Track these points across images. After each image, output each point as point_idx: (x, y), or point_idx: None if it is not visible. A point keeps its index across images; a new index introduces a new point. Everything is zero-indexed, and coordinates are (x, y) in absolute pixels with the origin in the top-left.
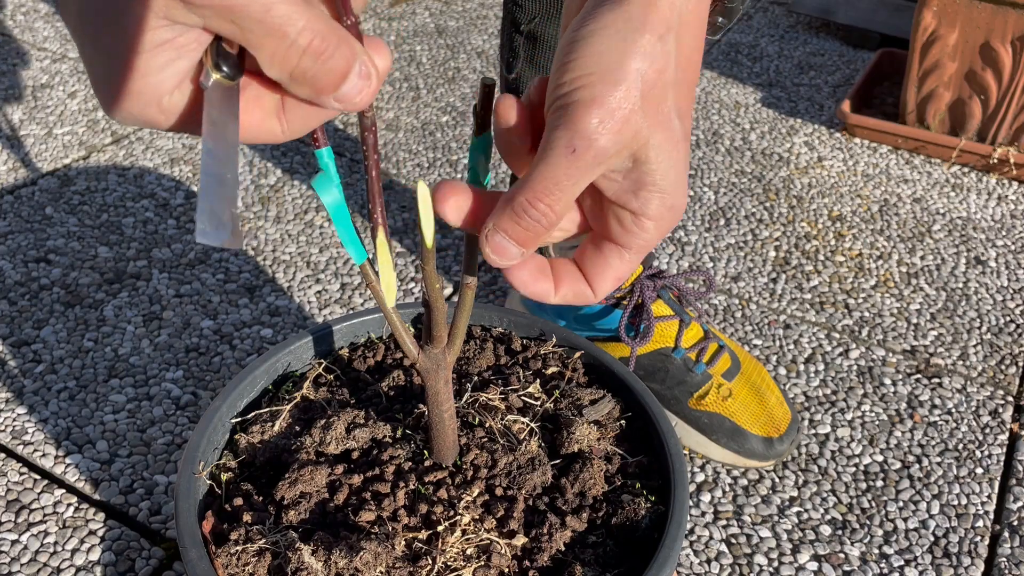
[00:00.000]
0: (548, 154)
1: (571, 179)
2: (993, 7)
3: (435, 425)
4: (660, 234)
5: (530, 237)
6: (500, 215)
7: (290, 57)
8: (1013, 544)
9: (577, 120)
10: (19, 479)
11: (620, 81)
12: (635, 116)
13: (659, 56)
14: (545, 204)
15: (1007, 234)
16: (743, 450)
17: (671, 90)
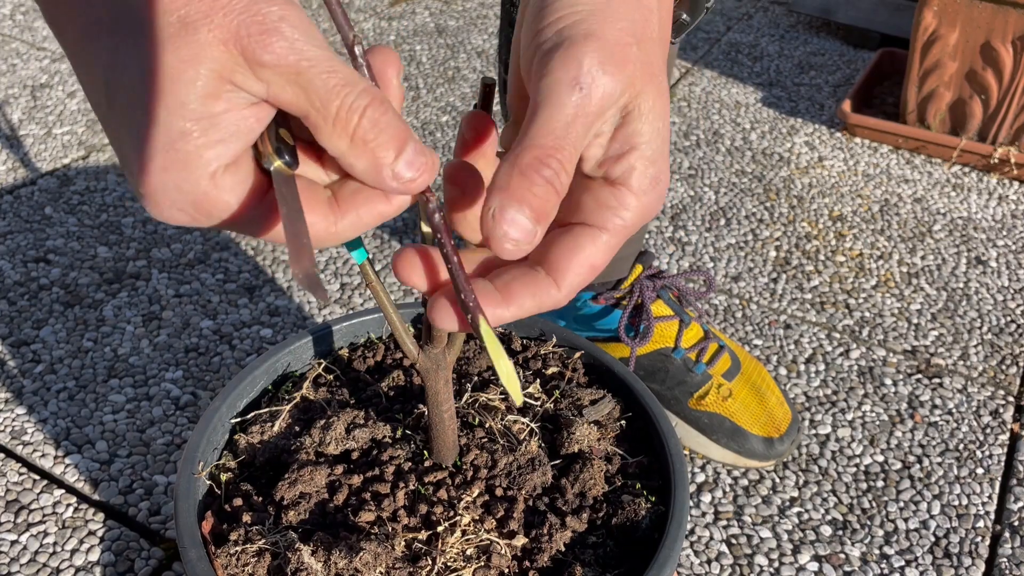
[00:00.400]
0: (549, 100)
1: (581, 125)
2: (994, 7)
3: (435, 425)
4: (642, 211)
5: (547, 204)
6: (506, 184)
7: (351, 119)
8: (1014, 544)
9: (576, 56)
10: (18, 479)
11: (612, 16)
12: (633, 60)
13: (643, 5)
14: (557, 160)
15: (1008, 234)
16: (743, 450)
17: (657, 46)
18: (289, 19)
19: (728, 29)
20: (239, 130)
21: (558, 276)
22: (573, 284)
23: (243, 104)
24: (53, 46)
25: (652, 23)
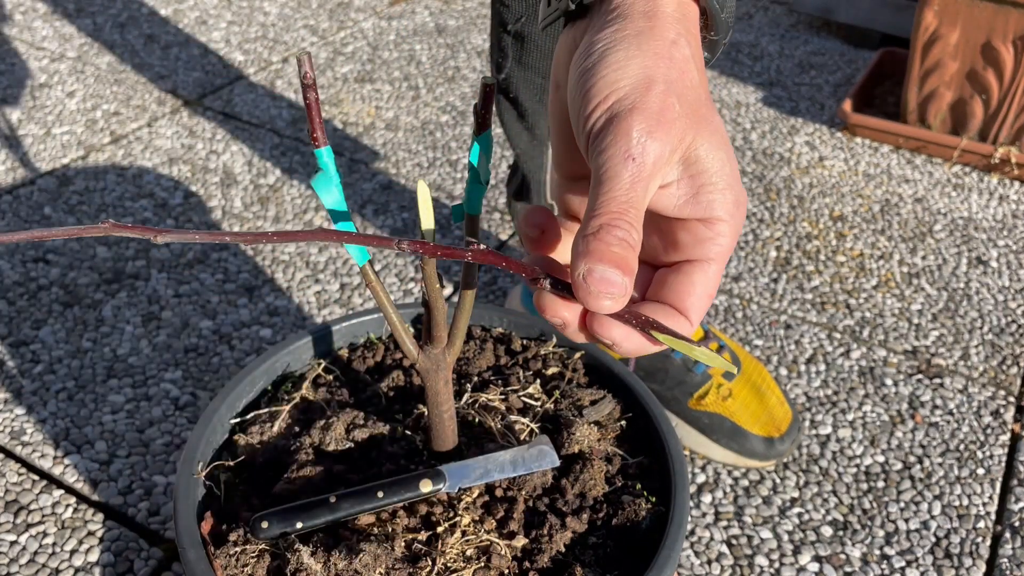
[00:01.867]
0: (607, 173)
1: (640, 188)
2: (994, 6)
3: (435, 426)
4: (734, 233)
5: (627, 258)
6: (586, 249)
7: None
8: (1015, 545)
9: (625, 130)
10: (18, 480)
11: (651, 84)
12: (677, 118)
13: (678, 60)
14: (626, 221)
15: (1008, 234)
16: (744, 450)
17: (698, 90)
18: None
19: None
20: None
21: (685, 311)
22: (699, 314)
23: None
24: (52, 46)
25: (689, 72)
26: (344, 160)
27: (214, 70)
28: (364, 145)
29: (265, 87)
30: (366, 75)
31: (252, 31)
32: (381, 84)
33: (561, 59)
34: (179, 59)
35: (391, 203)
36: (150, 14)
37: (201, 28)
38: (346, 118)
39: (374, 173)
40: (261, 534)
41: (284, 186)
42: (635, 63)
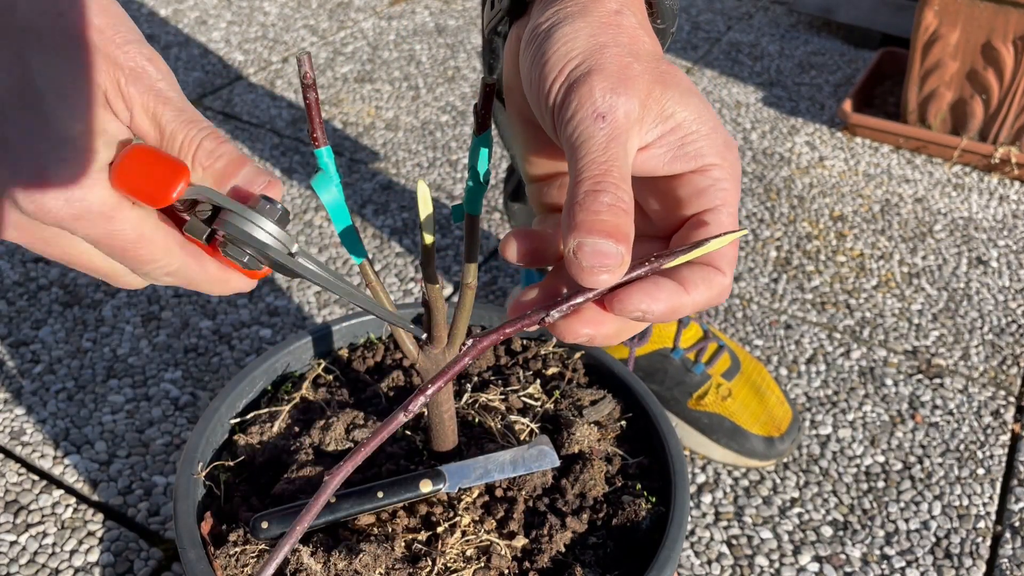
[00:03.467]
0: (580, 137)
1: (618, 146)
2: (995, 6)
3: (435, 426)
4: (732, 175)
5: (619, 225)
6: (573, 223)
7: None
8: (1015, 545)
9: (588, 92)
10: (17, 480)
11: (604, 47)
12: (639, 75)
13: (626, 27)
14: (610, 182)
15: (1009, 234)
16: (744, 450)
17: (653, 57)
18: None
19: (728, 28)
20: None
21: (712, 261)
22: (730, 262)
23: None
24: None
25: (639, 38)
26: (344, 160)
27: (214, 70)
28: (364, 145)
29: (265, 87)
30: (366, 75)
31: (252, 31)
32: (381, 84)
33: (509, 60)
34: (179, 59)
35: (391, 203)
36: (150, 14)
37: (201, 28)
38: (346, 118)
39: (374, 173)
40: (261, 534)
41: (284, 186)
42: (583, 33)
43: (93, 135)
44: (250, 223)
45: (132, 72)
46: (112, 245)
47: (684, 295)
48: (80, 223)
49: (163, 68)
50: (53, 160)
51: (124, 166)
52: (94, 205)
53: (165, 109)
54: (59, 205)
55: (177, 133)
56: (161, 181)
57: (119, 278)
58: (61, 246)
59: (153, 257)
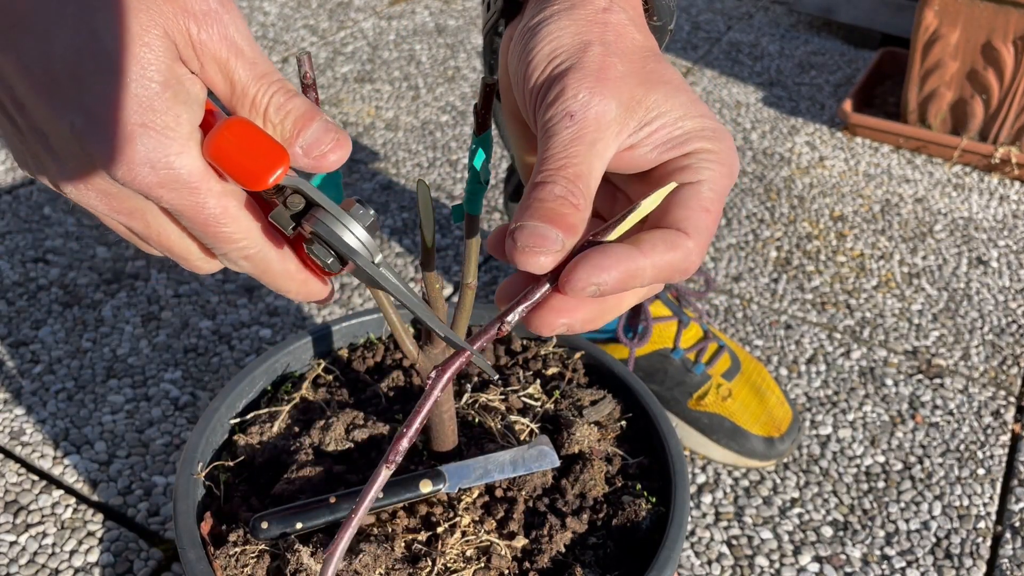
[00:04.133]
0: (548, 133)
1: (581, 146)
2: (995, 6)
3: (435, 426)
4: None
5: (563, 214)
6: (522, 208)
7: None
8: (1015, 545)
9: (562, 89)
10: (17, 480)
11: (588, 47)
12: (621, 76)
13: (614, 24)
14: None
15: (1009, 234)
16: (744, 450)
17: (642, 53)
18: (226, 5)
19: (728, 28)
20: (200, 96)
21: (681, 224)
22: (698, 229)
23: (189, 74)
24: None
25: (628, 34)
26: None
27: None
28: (364, 145)
29: None
30: (366, 75)
31: (252, 31)
32: (381, 84)
33: (504, 60)
34: None
35: (391, 203)
36: None
37: None
38: (346, 118)
39: (374, 173)
40: (261, 534)
41: None
42: (568, 31)
43: (172, 96)
44: (342, 226)
45: (204, 17)
46: (194, 218)
47: (640, 257)
48: (164, 191)
49: (234, 11)
50: (135, 125)
51: (221, 139)
52: (181, 173)
53: (239, 62)
54: (145, 172)
55: (249, 88)
56: (260, 163)
57: (191, 260)
58: (145, 219)
59: (234, 236)
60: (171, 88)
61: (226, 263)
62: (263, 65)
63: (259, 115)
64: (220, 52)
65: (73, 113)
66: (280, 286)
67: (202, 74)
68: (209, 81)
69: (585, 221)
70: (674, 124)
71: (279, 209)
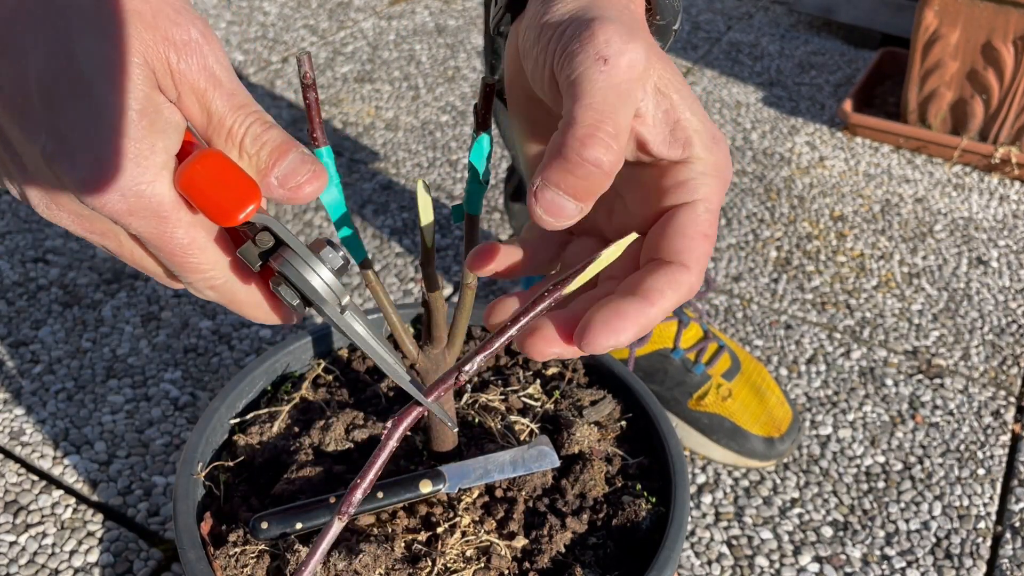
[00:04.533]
0: (579, 78)
1: (616, 97)
2: (995, 6)
3: (435, 426)
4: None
5: (588, 187)
6: (549, 167)
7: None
8: (1015, 545)
9: (591, 36)
10: (17, 480)
11: (608, 4)
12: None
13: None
14: (602, 136)
15: (1009, 234)
16: (744, 450)
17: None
18: (207, 36)
19: (728, 28)
20: (179, 125)
21: (682, 257)
22: (696, 256)
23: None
24: None
25: (636, 12)
26: (344, 160)
27: None
28: (364, 145)
29: (265, 87)
30: (366, 75)
31: (252, 31)
32: (381, 84)
33: (510, 57)
34: None
35: (391, 203)
36: None
37: None
38: (346, 118)
39: (374, 173)
40: (261, 535)
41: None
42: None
43: (149, 124)
44: (309, 268)
45: (184, 47)
46: (161, 247)
47: (650, 308)
48: (133, 218)
49: (214, 42)
50: (108, 151)
51: (193, 172)
52: (152, 202)
53: (216, 92)
54: (115, 199)
55: (226, 118)
56: (231, 199)
57: (165, 278)
58: (118, 239)
59: (201, 267)
60: (148, 116)
61: (191, 290)
62: (241, 96)
63: (235, 145)
64: (199, 82)
65: (45, 136)
66: (247, 313)
67: (179, 103)
68: (186, 111)
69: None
70: (680, 113)
71: (248, 245)
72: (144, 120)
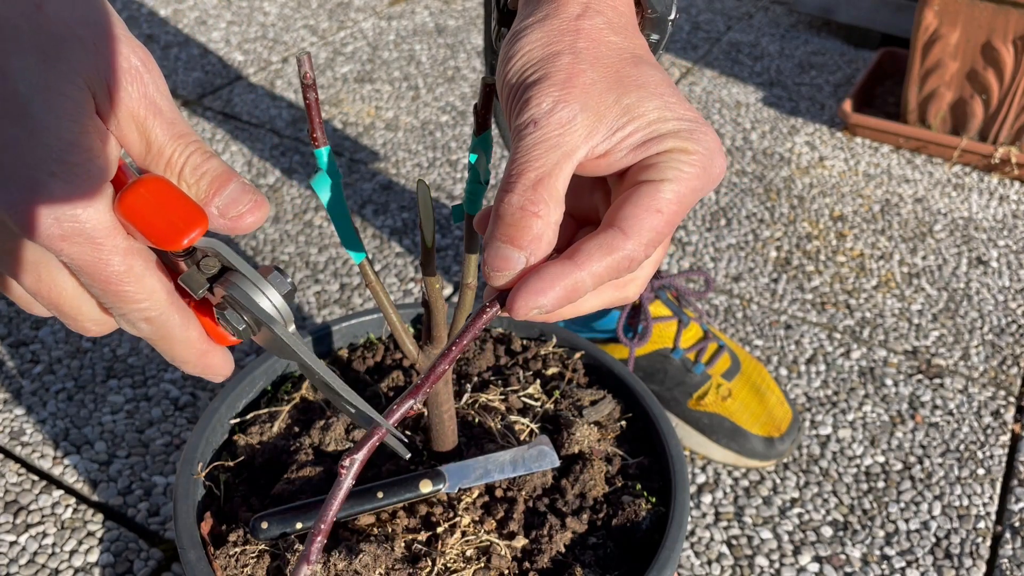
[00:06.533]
0: (515, 139)
1: (540, 152)
2: (995, 6)
3: (435, 426)
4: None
5: (524, 231)
6: (490, 224)
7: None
8: (1015, 545)
9: (530, 100)
10: (17, 480)
11: (558, 56)
12: (591, 83)
13: (587, 29)
14: (522, 184)
15: (1009, 234)
16: (744, 450)
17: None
18: (147, 64)
19: (728, 28)
20: (113, 152)
21: (623, 224)
22: (640, 229)
23: (104, 129)
24: None
25: (603, 39)
26: (344, 160)
27: (214, 70)
28: (364, 145)
29: (265, 87)
30: (366, 75)
31: (252, 31)
32: (381, 84)
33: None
34: (179, 59)
35: (391, 203)
36: (150, 14)
37: (201, 28)
38: (346, 118)
39: (374, 173)
40: (261, 535)
41: (284, 186)
42: (539, 44)
43: (86, 147)
44: (258, 291)
45: (124, 75)
46: (96, 275)
47: (576, 271)
48: (67, 244)
49: (155, 71)
50: (43, 174)
51: (135, 196)
52: (87, 227)
53: (156, 121)
54: (48, 223)
55: (166, 148)
56: (176, 223)
57: (80, 320)
58: (38, 272)
59: (136, 297)
60: (85, 140)
61: (123, 324)
62: (181, 125)
63: (174, 175)
64: (139, 110)
65: None
66: (177, 354)
67: (117, 130)
68: (123, 138)
69: (549, 224)
70: (647, 127)
71: (191, 271)
72: (81, 144)
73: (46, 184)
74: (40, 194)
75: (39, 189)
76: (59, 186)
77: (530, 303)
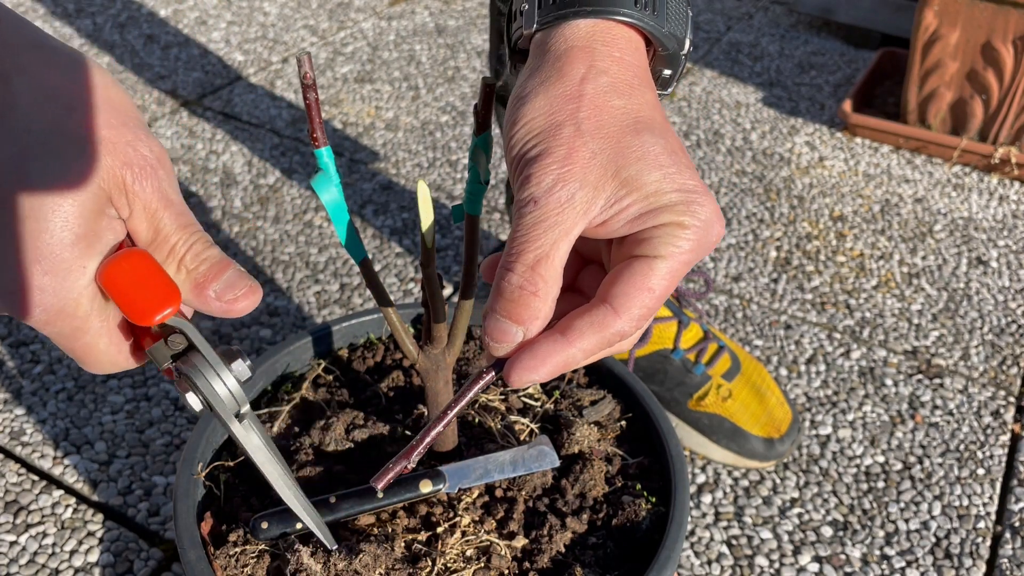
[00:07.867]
0: (516, 216)
1: (540, 231)
2: (994, 7)
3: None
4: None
5: (523, 309)
6: (492, 291)
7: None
8: (1015, 545)
9: (530, 177)
10: (17, 480)
11: (559, 128)
12: (591, 157)
13: (589, 95)
14: (521, 264)
15: (1009, 234)
16: (743, 451)
17: (628, 124)
18: (162, 160)
19: (728, 29)
20: (108, 244)
21: (615, 302)
22: (631, 308)
23: (114, 220)
24: None
25: (605, 103)
26: (344, 160)
27: (214, 70)
28: (364, 145)
29: (265, 87)
30: (366, 75)
31: (252, 31)
32: (381, 84)
33: None
34: (179, 59)
35: (391, 203)
36: (150, 14)
37: (201, 28)
38: (346, 118)
39: (374, 173)
40: (261, 535)
41: (284, 186)
42: (543, 113)
43: (84, 248)
44: (216, 376)
45: (141, 171)
46: (66, 345)
47: (567, 347)
48: (50, 327)
49: (168, 166)
50: (38, 274)
51: (117, 269)
52: (70, 314)
53: (166, 212)
54: (37, 313)
55: (172, 236)
56: (151, 300)
57: None
58: None
59: (97, 365)
60: (85, 240)
61: None
62: (187, 216)
63: (175, 260)
64: (151, 202)
65: None
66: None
67: (130, 219)
68: (134, 225)
69: (547, 302)
70: (645, 200)
71: (159, 345)
72: (80, 244)
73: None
74: (32, 290)
75: (31, 286)
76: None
77: (524, 378)
